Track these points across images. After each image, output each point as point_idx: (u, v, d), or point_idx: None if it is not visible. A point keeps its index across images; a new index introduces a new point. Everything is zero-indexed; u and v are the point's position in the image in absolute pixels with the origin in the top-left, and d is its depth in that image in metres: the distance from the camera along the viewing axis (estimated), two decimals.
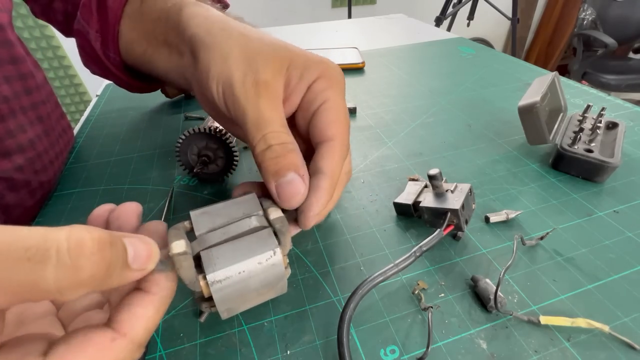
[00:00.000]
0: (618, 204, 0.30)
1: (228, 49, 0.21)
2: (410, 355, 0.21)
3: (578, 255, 0.26)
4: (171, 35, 0.26)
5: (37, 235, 0.11)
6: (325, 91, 0.21)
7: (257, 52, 0.21)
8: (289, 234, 0.19)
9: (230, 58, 0.21)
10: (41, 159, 0.34)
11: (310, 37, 0.77)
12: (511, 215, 0.29)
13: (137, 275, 0.14)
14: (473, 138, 0.40)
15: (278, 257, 0.18)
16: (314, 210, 0.20)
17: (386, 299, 0.24)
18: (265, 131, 0.20)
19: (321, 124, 0.21)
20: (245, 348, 0.22)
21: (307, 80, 0.22)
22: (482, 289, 0.23)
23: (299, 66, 0.21)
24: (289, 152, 0.19)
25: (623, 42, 1.78)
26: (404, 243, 0.28)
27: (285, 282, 0.19)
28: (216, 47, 0.21)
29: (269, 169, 0.19)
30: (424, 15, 2.06)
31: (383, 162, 0.37)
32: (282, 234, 0.19)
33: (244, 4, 1.85)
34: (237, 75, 0.20)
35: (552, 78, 0.38)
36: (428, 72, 0.58)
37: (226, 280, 0.17)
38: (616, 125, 0.37)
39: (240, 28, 0.22)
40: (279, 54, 0.21)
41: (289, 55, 0.21)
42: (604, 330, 0.21)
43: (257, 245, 0.18)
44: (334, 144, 0.21)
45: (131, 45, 0.31)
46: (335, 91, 0.22)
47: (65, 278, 0.11)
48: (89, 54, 0.34)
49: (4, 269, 0.10)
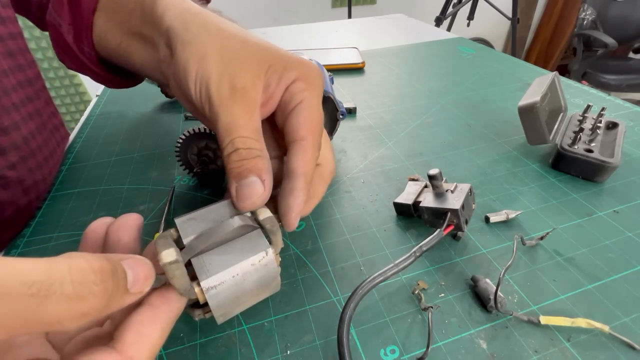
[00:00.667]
0: (618, 204, 0.30)
1: (206, 48, 0.21)
2: (410, 355, 0.21)
3: (578, 255, 0.26)
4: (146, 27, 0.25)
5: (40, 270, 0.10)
6: (302, 92, 0.21)
7: (236, 54, 0.21)
8: (280, 233, 0.20)
9: (208, 57, 0.20)
10: (35, 156, 0.34)
11: (310, 37, 0.77)
12: (511, 215, 0.29)
13: (134, 298, 0.14)
14: (473, 138, 0.40)
15: (270, 257, 0.18)
16: (294, 211, 0.20)
17: (386, 299, 0.24)
18: (234, 136, 0.20)
19: (294, 124, 0.21)
20: (245, 348, 0.22)
21: (286, 81, 0.21)
22: (482, 289, 0.23)
23: (278, 69, 0.21)
24: (254, 157, 0.19)
25: (623, 42, 1.78)
26: (404, 243, 0.28)
27: (279, 280, 0.19)
28: (194, 44, 0.21)
29: (232, 171, 0.19)
30: (424, 15, 2.07)
31: (383, 162, 0.37)
32: (272, 234, 0.19)
33: (244, 4, 1.85)
34: (214, 77, 0.20)
35: (552, 78, 0.38)
36: (428, 72, 0.58)
37: (221, 285, 0.17)
38: (616, 125, 0.37)
39: (219, 24, 0.22)
40: (259, 56, 0.21)
41: (269, 58, 0.21)
42: (604, 330, 0.21)
43: (248, 247, 0.18)
44: (305, 144, 0.21)
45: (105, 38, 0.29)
46: (311, 92, 0.22)
47: (67, 310, 0.11)
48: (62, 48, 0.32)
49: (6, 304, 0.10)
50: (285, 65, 0.21)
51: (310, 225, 0.30)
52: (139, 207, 0.32)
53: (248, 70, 0.20)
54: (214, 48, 0.21)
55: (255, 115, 0.20)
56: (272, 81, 0.21)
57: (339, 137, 0.41)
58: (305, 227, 0.30)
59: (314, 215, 0.31)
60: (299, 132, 0.21)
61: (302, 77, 0.22)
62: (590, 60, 1.78)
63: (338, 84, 0.55)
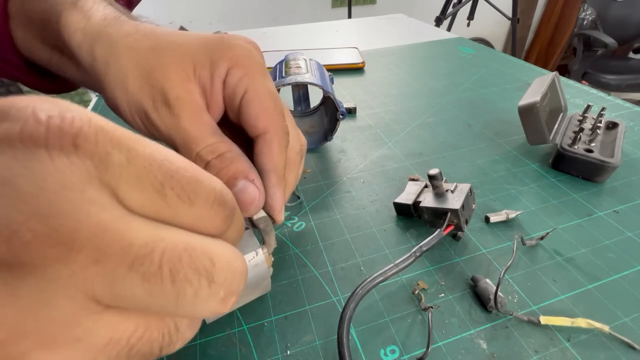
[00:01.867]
0: (618, 204, 0.30)
1: (123, 74, 0.19)
2: (410, 355, 0.21)
3: (578, 255, 0.26)
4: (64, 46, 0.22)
5: None
6: (241, 81, 0.19)
7: (155, 67, 0.19)
8: (273, 234, 0.20)
9: (129, 84, 0.19)
10: None
11: (310, 37, 0.77)
12: (511, 215, 0.29)
13: None
14: (473, 138, 0.40)
15: (261, 257, 0.18)
16: (276, 208, 0.20)
17: (386, 299, 0.24)
18: (197, 149, 0.18)
19: (249, 119, 0.19)
20: (245, 348, 0.22)
21: (220, 76, 0.19)
22: (482, 289, 0.23)
23: (205, 64, 0.19)
24: (230, 163, 0.18)
25: (623, 42, 1.78)
26: (404, 243, 0.28)
27: (269, 281, 0.19)
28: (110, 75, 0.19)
29: None
30: (424, 15, 2.06)
31: (383, 162, 0.37)
32: (266, 234, 0.19)
33: (245, 4, 1.85)
34: (146, 102, 0.18)
35: (552, 78, 0.38)
36: (428, 72, 0.58)
37: None
38: (616, 125, 0.37)
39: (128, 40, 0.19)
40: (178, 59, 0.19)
41: (190, 56, 0.19)
42: (604, 330, 0.21)
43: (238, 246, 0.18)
44: (268, 137, 0.19)
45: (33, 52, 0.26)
46: (251, 77, 0.19)
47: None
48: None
49: None
50: (212, 57, 0.19)
51: (310, 225, 0.30)
52: None
53: (174, 78, 0.19)
54: (131, 71, 0.19)
55: (205, 119, 0.19)
56: (206, 80, 0.19)
57: (339, 137, 0.41)
58: (305, 227, 0.30)
59: (314, 215, 0.31)
60: (258, 126, 0.19)
61: (234, 63, 0.19)
62: (590, 60, 1.78)
63: (338, 84, 0.55)
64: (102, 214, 0.09)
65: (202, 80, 0.19)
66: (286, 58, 0.37)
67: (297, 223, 0.30)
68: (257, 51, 0.21)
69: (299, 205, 0.32)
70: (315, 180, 0.35)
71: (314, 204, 0.32)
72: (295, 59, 0.37)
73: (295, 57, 0.37)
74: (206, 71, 0.19)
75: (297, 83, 0.33)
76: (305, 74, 0.34)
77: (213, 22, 1.85)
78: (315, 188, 0.34)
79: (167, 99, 0.18)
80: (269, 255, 0.19)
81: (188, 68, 0.19)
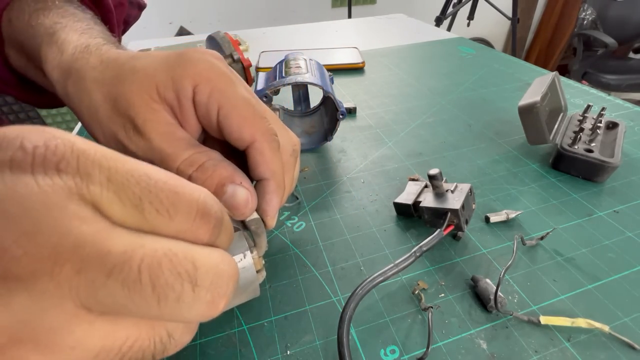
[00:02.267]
0: (618, 204, 0.30)
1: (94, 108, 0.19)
2: (410, 355, 0.21)
3: (578, 255, 0.26)
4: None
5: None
6: (211, 98, 0.19)
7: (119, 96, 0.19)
8: (265, 236, 0.19)
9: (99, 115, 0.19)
10: None
11: (310, 37, 0.77)
12: (511, 215, 0.29)
13: None
14: (473, 138, 0.40)
15: (248, 261, 0.17)
16: (271, 214, 0.20)
17: (386, 299, 0.24)
18: (176, 165, 0.18)
19: (232, 133, 0.19)
20: (245, 348, 0.22)
21: (187, 97, 0.19)
22: (482, 289, 0.23)
23: (167, 85, 0.19)
24: (212, 171, 0.18)
25: (623, 42, 1.78)
26: (404, 243, 0.28)
27: (257, 285, 0.18)
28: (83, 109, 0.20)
29: None
30: (424, 15, 2.06)
31: (383, 162, 0.37)
32: (257, 236, 0.19)
33: (245, 4, 1.85)
34: (118, 131, 0.19)
35: (552, 78, 0.38)
36: (428, 72, 0.58)
37: None
38: (616, 125, 0.37)
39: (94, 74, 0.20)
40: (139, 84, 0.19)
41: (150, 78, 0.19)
42: (604, 330, 0.21)
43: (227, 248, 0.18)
44: (257, 145, 0.19)
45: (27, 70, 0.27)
46: (221, 90, 0.19)
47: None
48: None
49: None
50: (173, 76, 0.19)
51: (310, 225, 0.30)
52: None
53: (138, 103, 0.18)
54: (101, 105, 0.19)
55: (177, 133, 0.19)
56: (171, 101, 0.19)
57: (339, 137, 0.41)
58: (305, 227, 0.30)
59: (313, 215, 0.31)
60: (244, 138, 0.19)
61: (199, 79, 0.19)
62: (591, 60, 1.78)
63: (338, 84, 0.55)
64: (83, 227, 0.10)
65: (168, 101, 0.19)
66: (286, 58, 0.37)
67: (297, 223, 0.30)
68: (220, 61, 0.20)
69: (298, 206, 0.32)
70: (315, 180, 0.35)
71: (314, 204, 0.32)
72: (295, 59, 0.37)
73: (295, 57, 0.37)
74: (170, 91, 0.19)
75: (297, 83, 0.33)
76: (305, 74, 0.34)
77: (213, 22, 1.85)
78: (315, 188, 0.34)
79: (135, 125, 0.18)
80: (260, 258, 0.19)
81: (151, 91, 0.19)
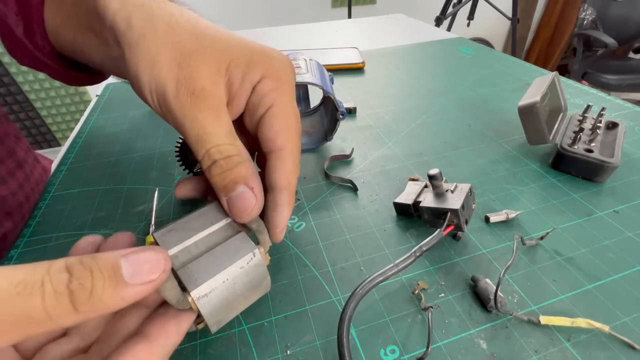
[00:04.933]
0: (618, 204, 0.30)
1: (155, 49, 0.18)
2: (410, 355, 0.21)
3: (578, 255, 0.26)
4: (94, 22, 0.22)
5: (24, 271, 0.11)
6: (271, 93, 0.19)
7: (190, 51, 0.18)
8: (266, 232, 0.19)
9: (159, 61, 0.18)
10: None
11: (310, 37, 0.77)
12: (511, 215, 0.29)
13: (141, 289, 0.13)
14: (473, 138, 0.40)
15: (259, 258, 0.18)
16: (280, 226, 0.20)
17: (386, 299, 0.24)
18: (208, 147, 0.18)
19: (269, 132, 0.19)
20: (245, 348, 0.22)
21: (251, 80, 0.19)
22: (482, 289, 0.23)
23: (240, 64, 0.19)
24: (236, 166, 0.18)
25: (623, 42, 1.78)
26: (404, 243, 0.28)
27: (269, 280, 0.19)
28: (141, 47, 0.18)
29: (217, 184, 0.18)
30: (424, 15, 2.06)
31: (383, 162, 0.37)
32: (260, 233, 0.19)
33: (245, 4, 1.85)
34: (169, 84, 0.18)
35: (552, 78, 0.38)
36: (428, 72, 0.58)
37: (212, 293, 0.17)
38: (616, 125, 0.37)
39: (166, 16, 0.19)
40: (216, 51, 0.19)
41: (228, 52, 0.19)
42: (604, 330, 0.21)
43: (234, 250, 0.18)
44: (284, 154, 0.19)
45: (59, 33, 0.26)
46: (281, 92, 0.20)
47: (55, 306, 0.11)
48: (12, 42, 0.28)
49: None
50: (249, 61, 0.19)
51: (311, 225, 0.30)
52: (138, 207, 0.32)
53: (205, 68, 0.18)
54: (164, 49, 0.18)
55: (224, 117, 0.19)
56: (235, 79, 0.19)
57: (339, 137, 0.41)
58: (305, 227, 0.30)
59: (313, 215, 0.31)
60: (276, 142, 0.19)
61: (270, 73, 0.19)
62: (590, 60, 1.78)
63: (338, 84, 0.55)
64: None
65: (231, 77, 0.19)
66: None
67: (297, 223, 0.30)
68: (292, 70, 0.21)
69: (298, 206, 0.32)
70: (315, 180, 0.35)
71: (314, 204, 0.32)
72: (295, 59, 0.37)
73: (295, 57, 0.37)
74: (239, 70, 0.19)
75: (297, 83, 0.33)
76: (305, 74, 0.34)
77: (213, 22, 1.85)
78: (315, 188, 0.34)
79: (192, 87, 0.18)
80: (266, 253, 0.19)
81: (223, 62, 0.18)
